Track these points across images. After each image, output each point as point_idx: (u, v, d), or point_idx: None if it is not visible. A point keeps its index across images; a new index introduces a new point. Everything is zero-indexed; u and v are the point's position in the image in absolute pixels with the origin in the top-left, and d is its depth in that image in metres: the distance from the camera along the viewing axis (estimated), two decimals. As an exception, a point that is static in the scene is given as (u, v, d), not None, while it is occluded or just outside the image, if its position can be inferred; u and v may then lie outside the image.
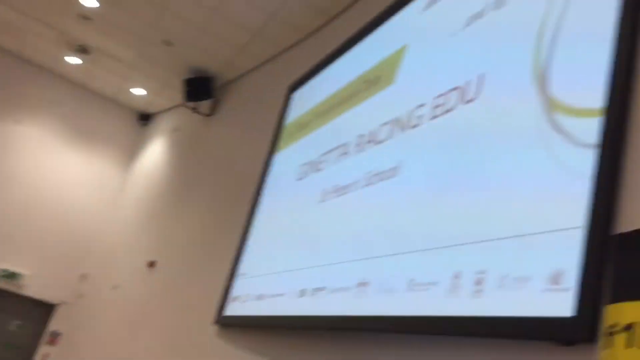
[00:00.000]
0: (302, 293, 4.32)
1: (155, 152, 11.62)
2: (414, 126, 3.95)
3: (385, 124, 4.32)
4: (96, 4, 8.62)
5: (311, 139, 5.58)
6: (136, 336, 8.17)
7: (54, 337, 11.04)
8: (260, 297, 4.99)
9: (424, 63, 4.22)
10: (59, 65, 11.50)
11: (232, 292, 5.68)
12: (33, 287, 11.33)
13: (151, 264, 8.88)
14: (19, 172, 11.61)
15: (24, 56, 11.59)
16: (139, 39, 9.34)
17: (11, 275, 11.08)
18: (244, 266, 5.69)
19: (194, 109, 9.76)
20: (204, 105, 9.67)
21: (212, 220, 7.84)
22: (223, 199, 7.83)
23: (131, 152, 12.60)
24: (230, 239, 6.52)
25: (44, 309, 11.44)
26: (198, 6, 7.93)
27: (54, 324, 11.32)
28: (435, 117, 3.75)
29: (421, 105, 3.95)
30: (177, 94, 10.26)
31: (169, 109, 11.73)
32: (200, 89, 9.42)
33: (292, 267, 4.68)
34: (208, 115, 9.71)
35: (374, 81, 4.85)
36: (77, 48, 10.42)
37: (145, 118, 12.52)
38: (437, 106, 3.78)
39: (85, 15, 9.09)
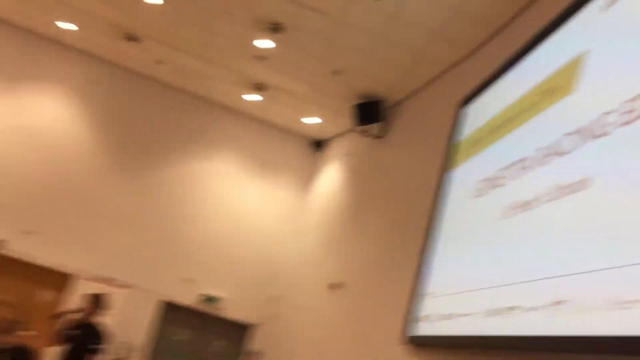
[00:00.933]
0: (493, 312, 4.27)
1: (330, 177, 12.13)
2: (602, 135, 3.76)
3: (568, 134, 4.16)
4: (272, 45, 9.30)
5: (487, 155, 5.51)
6: (325, 354, 8.53)
7: (253, 356, 11.88)
8: (449, 317, 5.00)
9: (609, 67, 4.00)
10: (239, 104, 12.52)
11: (419, 312, 5.75)
12: (230, 310, 12.33)
13: (334, 286, 9.25)
14: (212, 205, 12.78)
15: (209, 99, 12.79)
16: (311, 72, 9.89)
17: (212, 299, 12.16)
18: (430, 285, 5.74)
19: (365, 133, 10.06)
20: (374, 128, 9.93)
21: (389, 240, 8.00)
22: (398, 219, 7.96)
23: (307, 178, 13.27)
24: (408, 258, 6.61)
25: (241, 330, 12.38)
26: (364, 34, 8.23)
27: (251, 343, 12.19)
28: (626, 123, 3.55)
29: (608, 113, 3.76)
30: (347, 119, 10.66)
31: (341, 134, 12.20)
32: (369, 112, 9.71)
33: (479, 286, 4.64)
34: (378, 137, 9.95)
35: (549, 91, 4.69)
36: (254, 86, 11.27)
37: (318, 145, 13.14)
38: (627, 112, 3.57)
39: (261, 56, 9.83)
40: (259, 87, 11.29)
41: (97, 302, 6.91)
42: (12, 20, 11.96)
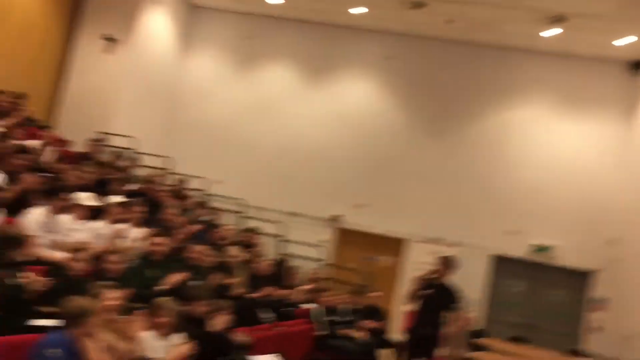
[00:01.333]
0: None
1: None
2: None
3: None
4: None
5: None
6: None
7: (600, 304, 11.21)
8: None
9: None
10: (537, 43, 11.77)
11: None
12: (564, 257, 11.79)
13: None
14: (525, 153, 12.34)
15: (504, 45, 12.31)
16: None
17: (543, 249, 11.79)
18: None
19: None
20: None
21: None
22: None
23: (627, 104, 11.89)
24: None
25: (580, 277, 11.74)
26: None
27: (593, 291, 11.50)
28: None
29: None
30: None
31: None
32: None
33: None
34: None
35: None
36: (552, 20, 10.49)
37: (637, 66, 11.66)
38: None
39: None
40: (557, 20, 10.48)
41: (446, 263, 7.22)
42: (309, 18, 13.16)
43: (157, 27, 13.15)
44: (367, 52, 13.25)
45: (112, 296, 3.92)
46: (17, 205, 5.21)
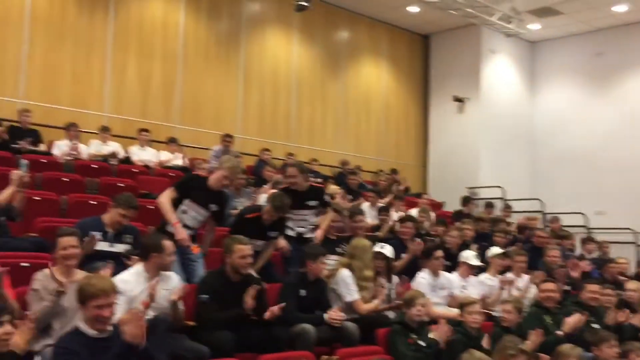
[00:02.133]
0: None
1: None
2: None
3: None
4: None
5: None
6: None
7: None
8: None
9: None
10: None
11: None
12: None
13: None
14: None
15: None
16: None
17: None
18: None
19: None
20: None
21: None
22: None
23: None
24: None
25: None
26: None
27: None
28: None
29: None
30: None
31: None
32: None
33: None
34: None
35: None
36: None
37: None
38: None
39: None
40: None
41: None
42: None
43: (500, 74, 13.32)
44: None
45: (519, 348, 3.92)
46: (409, 270, 5.79)
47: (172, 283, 3.87)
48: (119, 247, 4.35)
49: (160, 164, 8.82)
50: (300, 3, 9.81)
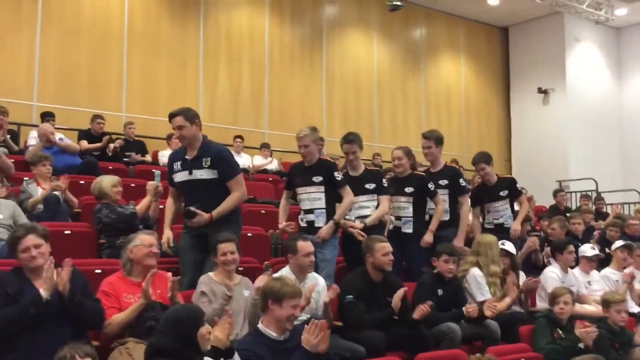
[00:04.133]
0: None
1: None
2: None
3: None
4: None
5: None
6: None
7: None
8: None
9: None
10: None
11: None
12: None
13: None
14: None
15: None
16: None
17: None
18: None
19: None
20: None
21: None
22: None
23: None
24: None
25: None
26: None
27: None
28: None
29: None
30: None
31: None
32: None
33: None
34: None
35: None
36: None
37: None
38: None
39: None
40: None
41: None
42: None
43: (586, 63, 12.95)
44: None
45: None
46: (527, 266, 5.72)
47: (319, 284, 3.95)
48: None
49: (255, 169, 9.02)
50: (394, 3, 9.90)
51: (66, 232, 4.57)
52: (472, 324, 4.30)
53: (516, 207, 5.97)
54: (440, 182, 5.22)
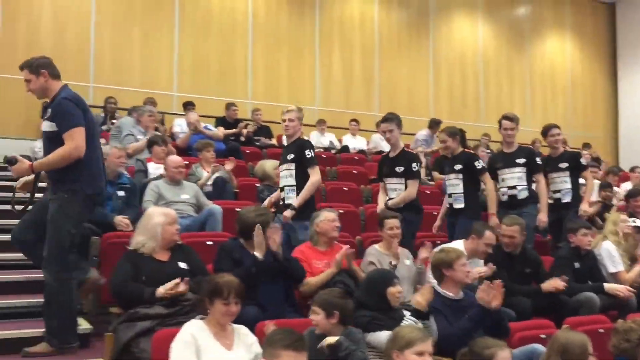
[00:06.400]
0: None
1: None
2: None
3: None
4: None
5: None
6: None
7: None
8: None
9: None
10: None
11: None
12: None
13: None
14: None
15: None
16: None
17: None
18: None
19: None
20: None
21: None
22: None
23: None
24: None
25: None
26: None
27: None
28: None
29: None
30: None
31: None
32: None
33: None
34: None
35: None
36: None
37: None
38: None
39: None
40: None
41: None
42: None
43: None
44: None
45: None
46: None
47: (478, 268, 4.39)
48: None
49: (369, 151, 9.51)
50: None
51: (237, 209, 5.26)
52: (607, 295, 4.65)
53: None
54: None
